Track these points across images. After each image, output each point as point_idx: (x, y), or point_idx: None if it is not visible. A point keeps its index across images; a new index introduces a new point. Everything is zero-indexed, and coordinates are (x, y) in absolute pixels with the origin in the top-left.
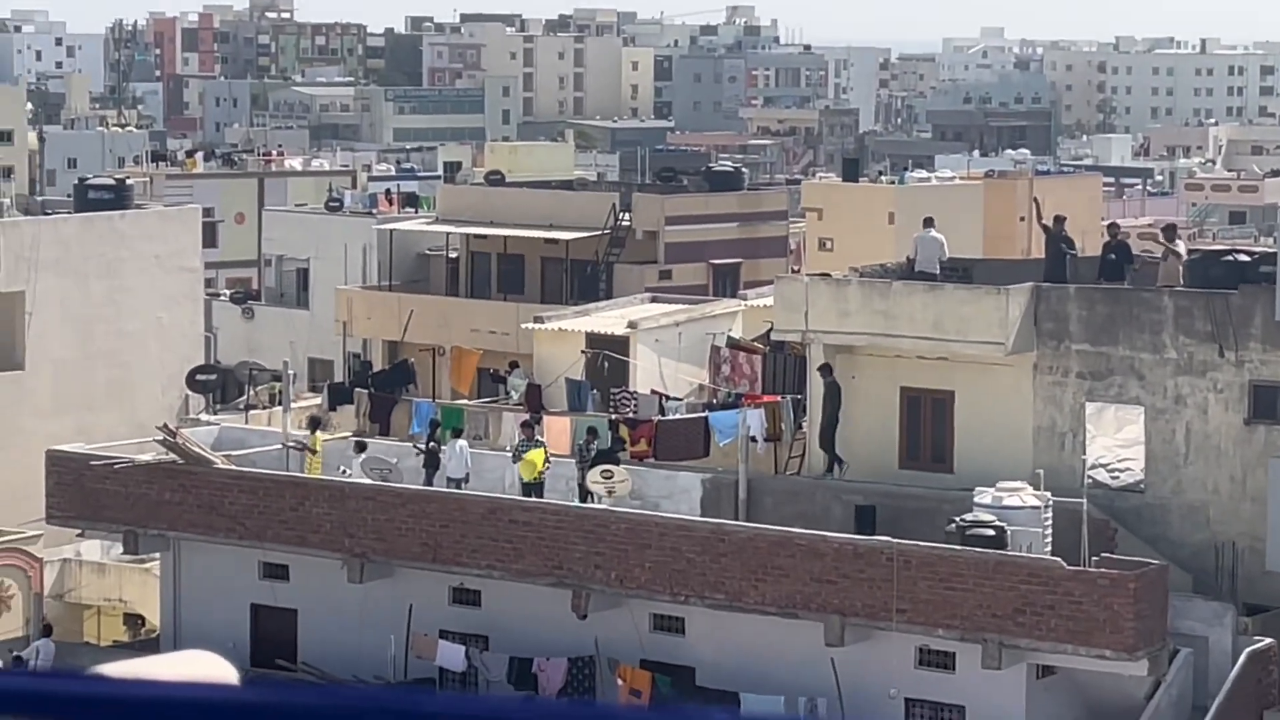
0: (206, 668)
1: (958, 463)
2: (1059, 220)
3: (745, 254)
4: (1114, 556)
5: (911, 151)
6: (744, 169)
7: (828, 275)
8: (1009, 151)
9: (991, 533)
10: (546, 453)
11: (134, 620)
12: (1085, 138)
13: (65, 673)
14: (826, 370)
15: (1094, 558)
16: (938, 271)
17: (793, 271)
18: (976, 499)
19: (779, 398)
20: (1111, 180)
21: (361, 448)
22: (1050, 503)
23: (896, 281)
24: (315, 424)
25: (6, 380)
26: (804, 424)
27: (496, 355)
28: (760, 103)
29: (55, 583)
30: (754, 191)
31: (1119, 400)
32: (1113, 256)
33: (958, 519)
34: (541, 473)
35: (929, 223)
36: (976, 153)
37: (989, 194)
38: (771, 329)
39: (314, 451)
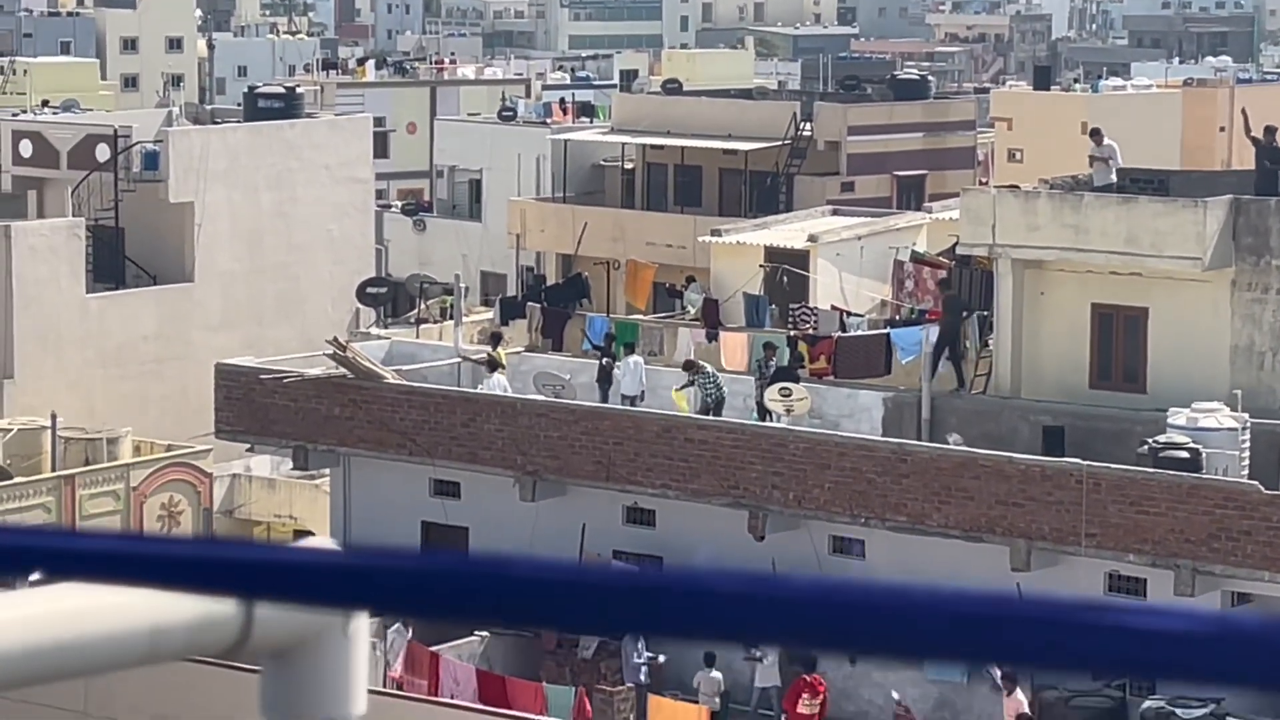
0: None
1: (1151, 382)
2: (1270, 131)
3: (930, 165)
4: None
5: (1106, 59)
6: (930, 77)
7: (1016, 187)
8: (1209, 59)
9: (1186, 455)
10: (701, 395)
11: (304, 537)
12: None
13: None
14: (944, 285)
15: None
16: (1112, 180)
17: (980, 183)
18: (1170, 420)
19: (965, 314)
20: None
21: (494, 367)
22: (1248, 424)
23: (1089, 194)
24: (496, 340)
25: (176, 293)
26: (990, 341)
27: (672, 269)
28: (948, 8)
29: (224, 498)
30: (940, 100)
31: None
32: None
33: (1150, 440)
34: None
35: (1097, 134)
36: (1175, 60)
37: (1187, 103)
38: (958, 243)
39: (501, 367)
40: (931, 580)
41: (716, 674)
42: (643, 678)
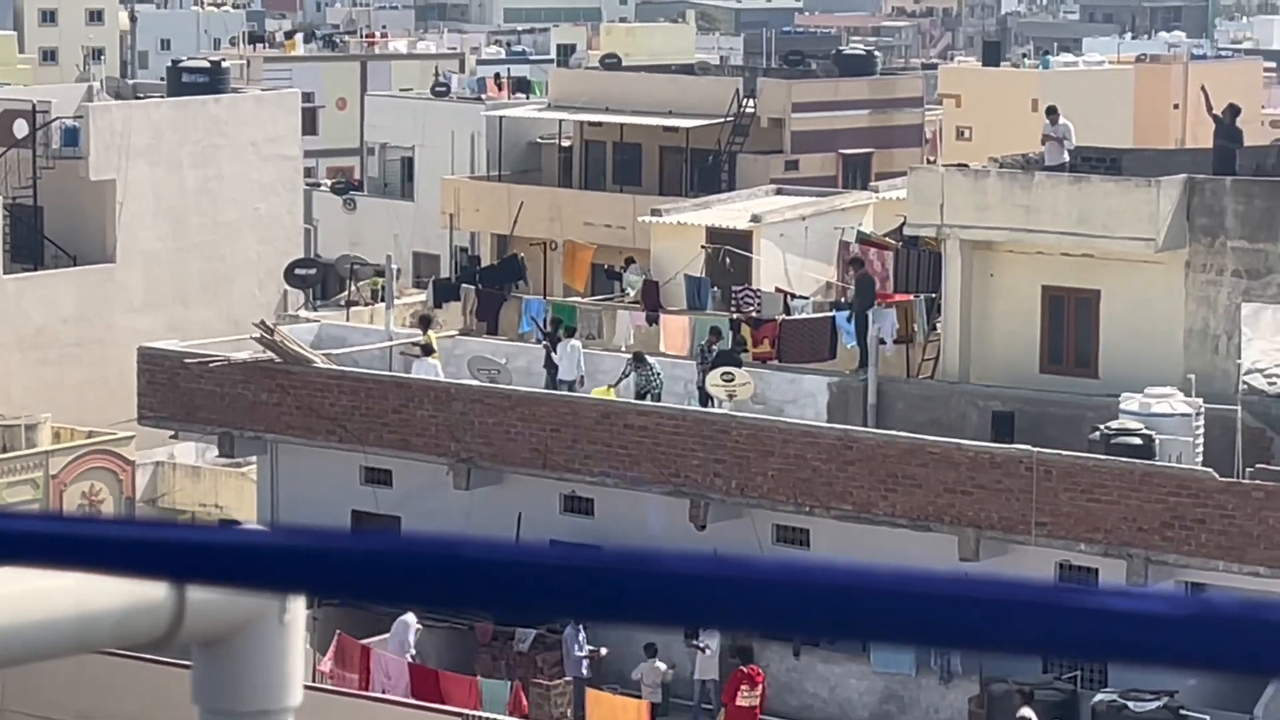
0: None
1: (1103, 367)
2: (1232, 110)
3: (877, 143)
4: (1270, 467)
5: (1057, 34)
6: (877, 52)
7: (965, 166)
8: (1163, 34)
9: (1138, 441)
10: (636, 385)
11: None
12: (1245, 19)
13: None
14: (857, 264)
15: (1248, 468)
16: (1065, 160)
17: (928, 162)
18: (1123, 405)
19: (911, 297)
20: (1273, 65)
21: (427, 351)
22: (1202, 410)
23: (1039, 173)
24: (426, 323)
25: (97, 274)
26: (938, 325)
27: (611, 250)
28: None
29: (147, 487)
30: (887, 76)
31: (1278, 300)
32: None
33: (1102, 427)
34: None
35: (1052, 113)
36: (1128, 35)
37: (1140, 80)
38: (904, 223)
39: (431, 352)
40: None
41: (660, 664)
42: (584, 671)
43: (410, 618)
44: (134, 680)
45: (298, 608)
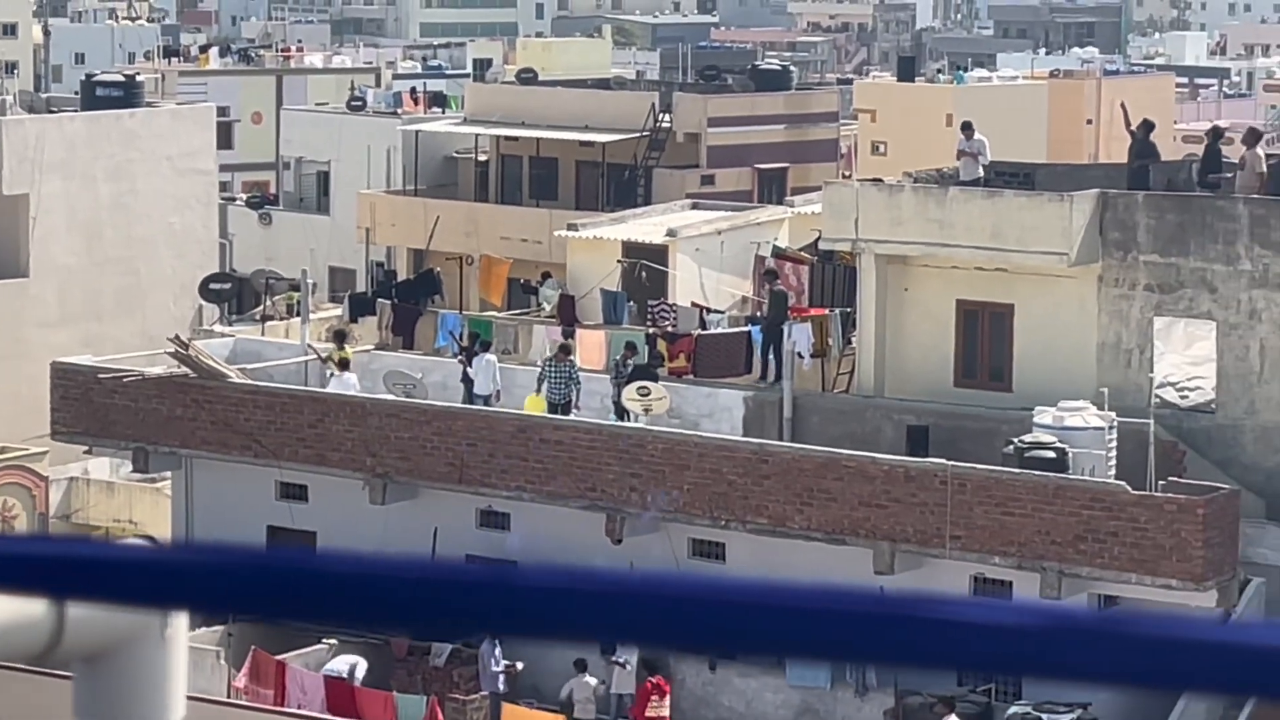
0: None
1: (1017, 381)
2: (1146, 126)
3: (792, 158)
4: (1182, 480)
5: (972, 49)
6: (792, 67)
7: (880, 181)
8: (1076, 50)
9: (1052, 455)
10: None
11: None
12: (1157, 35)
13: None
14: (771, 277)
15: (1161, 482)
16: (980, 176)
17: (843, 177)
18: (1036, 419)
19: (827, 311)
20: (1185, 81)
21: (344, 365)
22: (1115, 423)
23: (953, 187)
24: (341, 338)
25: (10, 288)
26: (853, 339)
27: (528, 265)
28: None
29: (61, 502)
30: (803, 92)
31: (1189, 315)
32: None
33: (1016, 440)
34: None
35: (968, 128)
36: (1041, 51)
37: (1054, 95)
38: (820, 238)
39: (348, 366)
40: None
41: (590, 679)
42: (500, 686)
43: (363, 662)
44: (17, 692)
45: (179, 623)
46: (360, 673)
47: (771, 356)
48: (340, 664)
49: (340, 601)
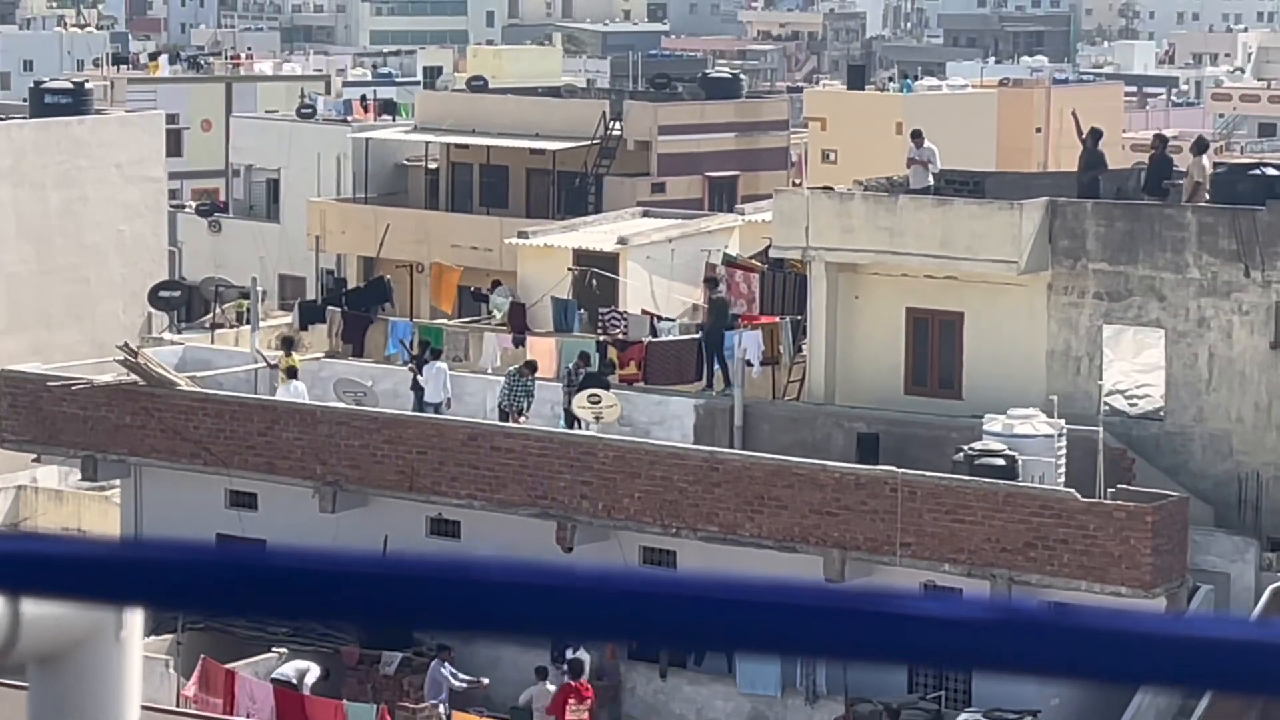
0: None
1: (967, 388)
2: (1094, 135)
3: (743, 166)
4: (1131, 488)
5: (921, 58)
6: (743, 76)
7: (830, 189)
8: (1025, 58)
9: (1002, 462)
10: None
11: None
12: (1106, 44)
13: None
14: (712, 284)
15: (1110, 489)
16: (930, 184)
17: (793, 185)
18: (986, 427)
19: (777, 319)
20: (1134, 89)
21: (293, 373)
22: (1064, 431)
23: (903, 195)
24: (289, 344)
25: None
26: (804, 347)
27: (478, 272)
28: (760, 5)
29: (9, 511)
30: (753, 100)
31: (1138, 323)
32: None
33: (966, 448)
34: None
35: (917, 136)
36: (991, 59)
37: (1003, 103)
38: (770, 246)
39: (288, 373)
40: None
41: (551, 686)
42: (444, 694)
43: (316, 668)
44: None
45: (134, 625)
46: (311, 679)
47: (717, 365)
48: (289, 669)
49: (299, 596)
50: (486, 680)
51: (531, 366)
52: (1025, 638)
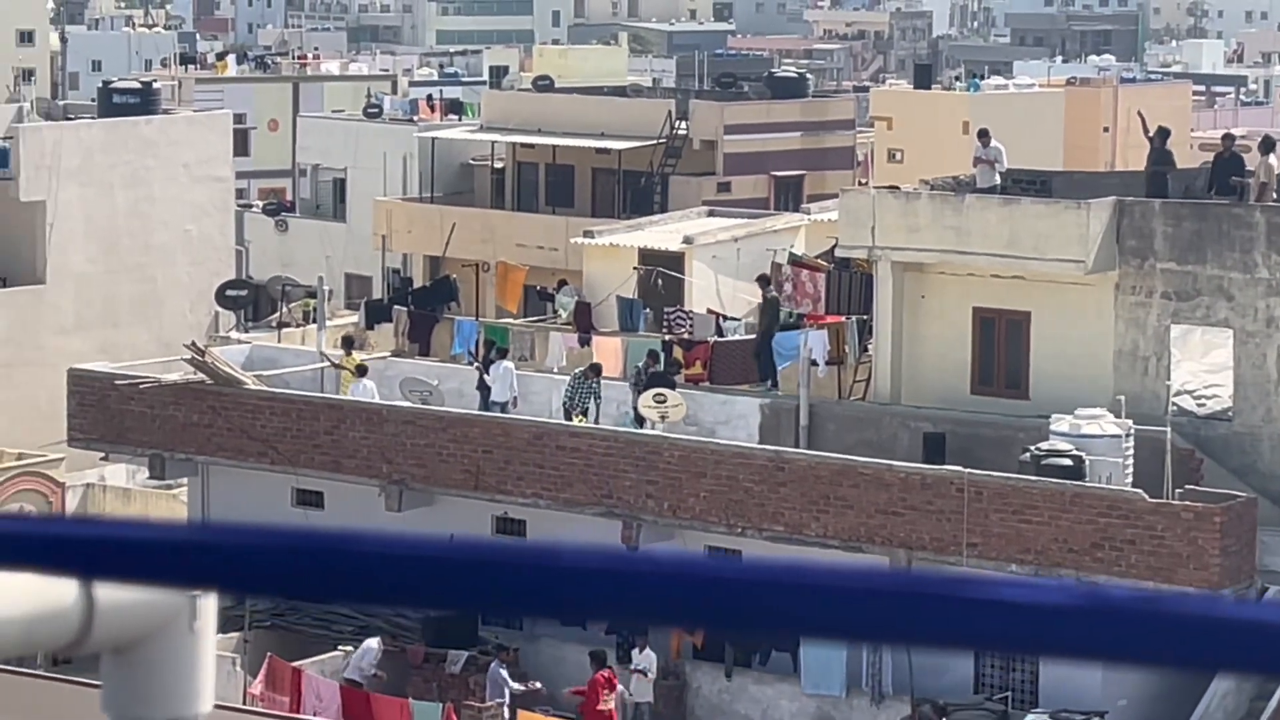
0: None
1: (1034, 388)
2: (1162, 133)
3: (809, 165)
4: (1199, 488)
5: (988, 57)
6: (809, 75)
7: (896, 188)
8: (1093, 58)
9: (1069, 462)
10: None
11: None
12: (1174, 43)
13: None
14: (764, 282)
15: (1178, 489)
16: (997, 183)
17: (859, 184)
18: (1053, 427)
19: (843, 318)
20: (1202, 89)
21: (363, 372)
22: (1132, 431)
23: (970, 195)
24: (349, 344)
25: (27, 295)
26: (870, 346)
27: (544, 272)
28: (827, 4)
29: (78, 508)
30: (819, 99)
31: (1206, 322)
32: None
33: (1033, 448)
34: None
35: (984, 135)
36: (1058, 59)
37: (1070, 103)
38: (836, 245)
39: (352, 372)
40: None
41: (618, 687)
42: (506, 695)
43: (374, 642)
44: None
45: (208, 614)
46: (372, 657)
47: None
48: (355, 659)
49: (377, 579)
50: (539, 684)
51: (596, 369)
52: (1109, 624)
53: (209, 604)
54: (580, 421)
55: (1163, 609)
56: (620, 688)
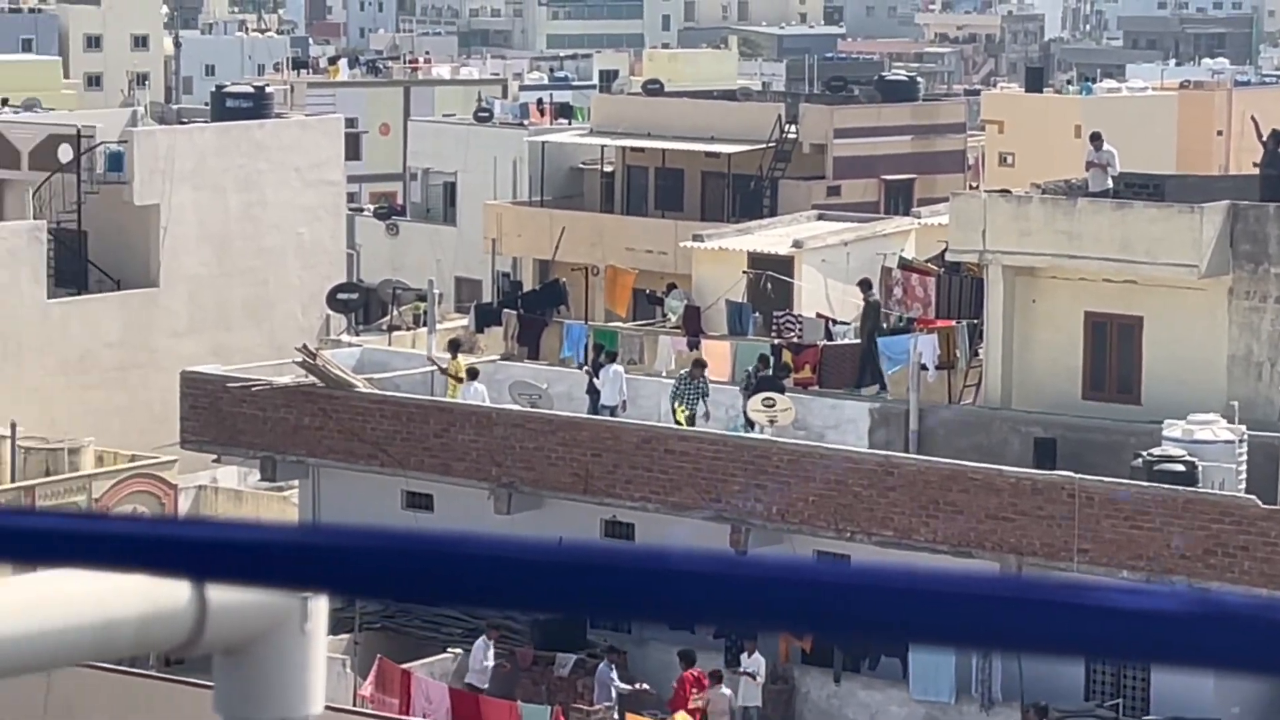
0: None
1: (1146, 393)
2: (1276, 137)
3: (919, 169)
4: None
5: (1100, 60)
6: (919, 78)
7: (1007, 192)
8: (1206, 60)
9: (1181, 468)
10: (704, 394)
11: None
12: None
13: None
14: (865, 285)
15: None
16: (1109, 187)
17: (970, 188)
18: (1165, 432)
19: (953, 322)
20: None
21: (473, 375)
22: (1245, 437)
23: (1082, 198)
24: (455, 347)
25: (140, 298)
26: (980, 351)
27: (653, 275)
28: (938, 7)
29: (190, 510)
30: (930, 102)
31: None
32: None
33: (1145, 453)
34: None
35: (1096, 139)
36: (1171, 62)
37: (1183, 106)
38: (946, 249)
39: (455, 377)
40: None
41: (725, 690)
42: (613, 696)
43: (482, 640)
44: (175, 699)
45: (319, 617)
46: (486, 658)
47: (885, 366)
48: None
49: (487, 583)
50: (648, 686)
51: (700, 365)
52: (1222, 631)
53: (320, 606)
54: (685, 415)
55: (1276, 616)
56: (728, 691)
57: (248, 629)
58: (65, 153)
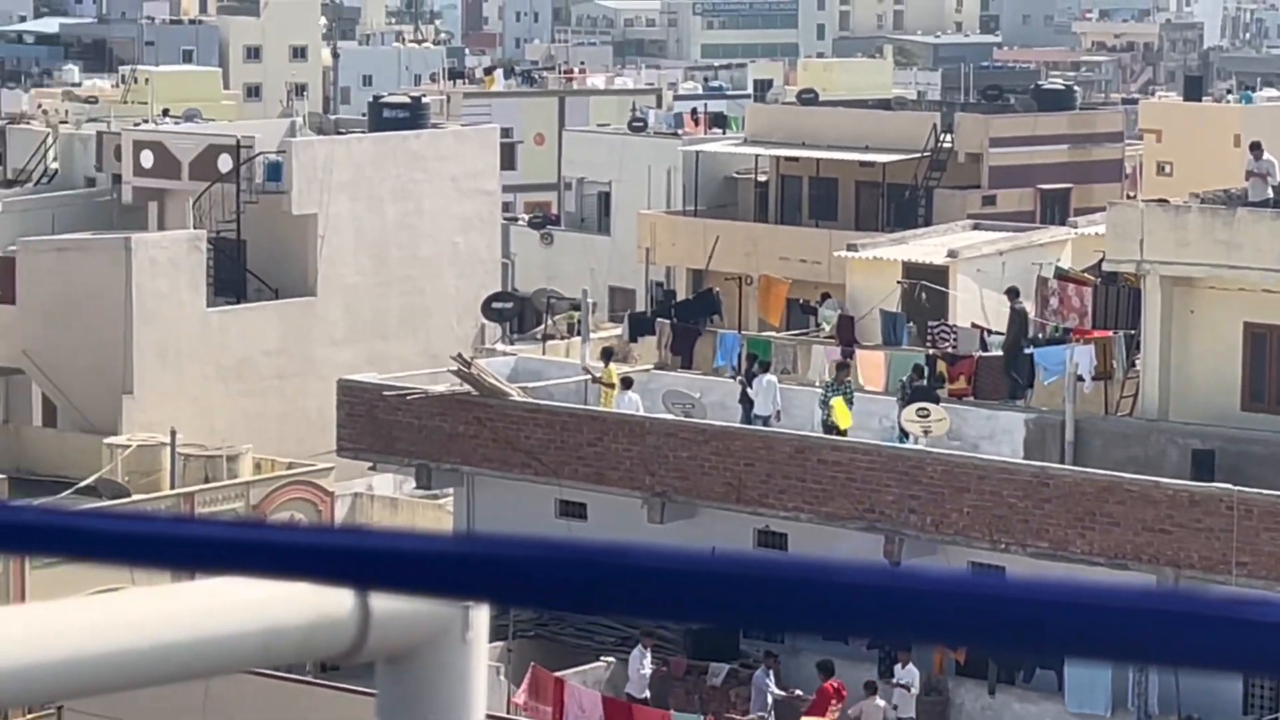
0: None
1: None
2: None
3: (1076, 178)
4: None
5: (1261, 69)
6: (1076, 87)
7: (1165, 201)
8: None
9: None
10: (849, 398)
11: None
12: None
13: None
14: (1013, 294)
15: None
16: (1269, 197)
17: (1127, 197)
18: None
19: (1110, 333)
20: None
21: (627, 384)
22: None
23: (1241, 208)
24: (608, 356)
25: (298, 307)
26: (1137, 362)
27: (807, 285)
28: (1095, 15)
29: (346, 517)
30: (1087, 111)
31: None
32: None
33: None
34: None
35: (1256, 148)
36: None
37: None
38: (1103, 259)
39: (609, 386)
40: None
41: (880, 701)
42: (769, 703)
43: (639, 649)
44: (329, 705)
45: (480, 625)
46: (645, 665)
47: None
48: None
49: (643, 593)
50: (800, 692)
51: (844, 369)
52: None
53: (481, 614)
54: (838, 406)
55: None
56: (882, 702)
57: (410, 637)
58: (225, 163)
